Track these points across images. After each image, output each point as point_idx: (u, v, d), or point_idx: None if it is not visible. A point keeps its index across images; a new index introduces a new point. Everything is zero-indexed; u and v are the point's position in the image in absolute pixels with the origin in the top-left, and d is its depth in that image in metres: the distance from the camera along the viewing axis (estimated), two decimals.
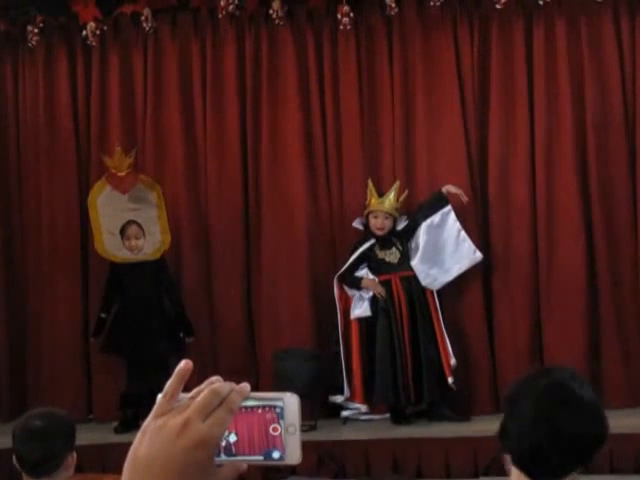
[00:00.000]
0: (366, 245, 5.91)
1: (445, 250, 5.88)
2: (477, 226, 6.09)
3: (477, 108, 6.16)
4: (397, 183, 5.97)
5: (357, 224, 6.00)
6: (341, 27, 6.12)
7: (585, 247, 5.97)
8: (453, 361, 5.77)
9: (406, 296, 5.84)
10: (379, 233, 5.89)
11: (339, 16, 6.09)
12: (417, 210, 5.98)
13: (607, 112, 5.97)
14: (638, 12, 5.98)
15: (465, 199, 5.84)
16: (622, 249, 5.97)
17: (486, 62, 6.15)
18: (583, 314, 5.92)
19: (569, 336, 5.86)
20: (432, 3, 5.99)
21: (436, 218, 5.88)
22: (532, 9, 6.06)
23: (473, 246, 5.86)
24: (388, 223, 5.90)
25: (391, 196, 5.91)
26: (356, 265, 5.92)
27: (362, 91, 6.28)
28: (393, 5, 6.06)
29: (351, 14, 6.08)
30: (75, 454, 2.82)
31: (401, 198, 5.94)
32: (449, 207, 5.87)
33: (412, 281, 5.87)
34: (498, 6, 5.96)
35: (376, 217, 5.91)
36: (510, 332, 6.01)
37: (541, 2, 5.91)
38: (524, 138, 6.06)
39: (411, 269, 5.88)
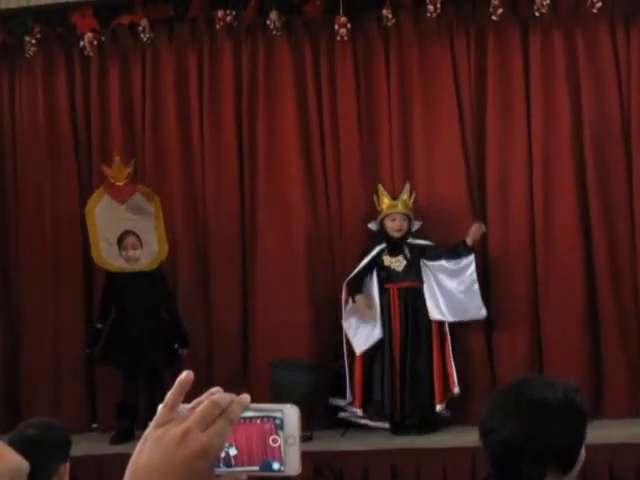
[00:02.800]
0: (375, 251, 5.90)
1: (455, 297, 5.83)
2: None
3: (474, 118, 6.17)
4: (408, 184, 5.95)
5: (372, 226, 5.99)
6: (338, 38, 6.13)
7: (584, 258, 5.96)
8: (456, 390, 5.71)
9: (400, 308, 5.83)
10: (397, 235, 5.87)
11: (336, 27, 6.10)
12: (443, 247, 5.89)
13: (604, 121, 5.98)
14: (633, 22, 6.00)
15: (483, 229, 5.83)
16: (622, 260, 5.95)
17: (483, 73, 6.16)
18: (583, 326, 5.91)
19: (569, 347, 5.85)
20: (429, 14, 6.01)
21: (456, 263, 5.80)
22: (528, 20, 6.08)
23: (481, 302, 5.80)
24: (405, 224, 5.88)
25: (404, 197, 5.91)
26: (365, 271, 5.89)
27: (360, 101, 6.29)
28: (390, 16, 6.08)
29: (348, 25, 6.10)
30: (68, 465, 2.82)
31: (412, 199, 5.92)
32: (472, 257, 5.79)
33: (409, 292, 5.85)
34: (494, 17, 5.98)
35: (393, 220, 5.89)
36: (509, 343, 6.01)
37: (537, 13, 5.92)
38: (522, 148, 6.08)
39: (412, 280, 5.86)
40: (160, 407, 0.94)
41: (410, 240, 5.92)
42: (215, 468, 0.94)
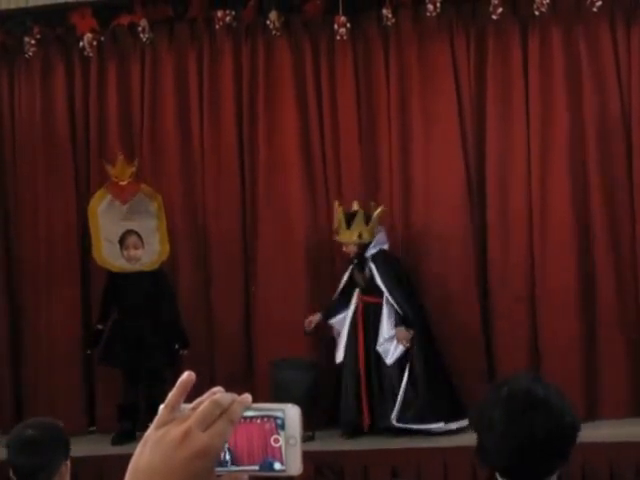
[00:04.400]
0: (350, 268, 5.89)
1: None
2: (475, 235, 6.09)
3: (474, 117, 6.17)
4: (337, 205, 5.82)
5: None
6: (338, 37, 6.13)
7: (582, 257, 5.94)
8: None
9: (364, 323, 5.80)
10: (351, 256, 5.86)
11: (336, 27, 6.10)
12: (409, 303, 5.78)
13: (605, 120, 5.97)
14: (634, 21, 5.99)
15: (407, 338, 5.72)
16: (622, 259, 5.94)
17: (483, 71, 6.16)
18: (581, 324, 5.90)
19: (567, 345, 5.85)
20: (428, 14, 6.00)
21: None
22: (528, 19, 6.07)
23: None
24: (349, 249, 5.82)
25: (342, 224, 5.76)
26: (343, 289, 5.89)
27: (359, 101, 6.29)
28: (390, 16, 6.07)
29: (348, 25, 6.10)
30: (69, 463, 2.82)
31: (356, 223, 5.74)
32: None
33: (370, 308, 5.81)
34: (494, 16, 5.98)
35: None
36: (508, 341, 6.01)
37: (537, 12, 5.92)
38: (521, 147, 6.07)
39: (373, 296, 5.79)
40: (161, 407, 0.94)
41: (371, 260, 5.80)
42: (216, 468, 0.94)
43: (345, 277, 5.91)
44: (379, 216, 5.82)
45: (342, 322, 5.88)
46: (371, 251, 5.81)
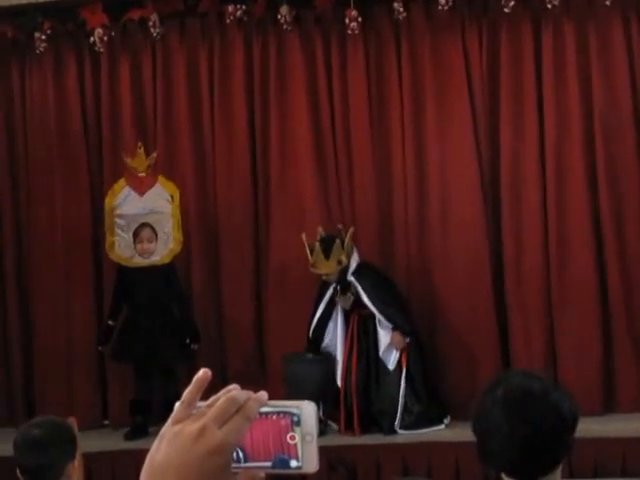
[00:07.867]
0: (328, 293, 5.85)
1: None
2: (489, 235, 6.07)
3: (487, 111, 6.14)
4: (304, 238, 5.77)
5: None
6: (349, 32, 6.12)
7: (596, 254, 5.92)
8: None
9: (364, 331, 5.79)
10: (330, 281, 5.82)
11: (347, 21, 6.08)
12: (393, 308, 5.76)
13: (617, 116, 5.94)
14: None
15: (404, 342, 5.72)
16: (632, 255, 5.91)
17: (495, 65, 6.13)
18: (596, 321, 5.88)
19: (582, 343, 5.83)
20: (440, 7, 5.97)
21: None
22: (540, 12, 6.04)
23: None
24: (331, 277, 5.79)
25: (320, 256, 5.71)
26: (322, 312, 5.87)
27: (371, 95, 6.28)
28: (401, 9, 6.05)
29: (359, 19, 6.08)
30: (77, 462, 2.81)
31: (334, 250, 5.70)
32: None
33: (368, 318, 5.80)
34: (506, 10, 5.95)
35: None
36: (524, 338, 5.99)
37: (549, 5, 5.89)
38: (534, 141, 6.04)
39: (365, 308, 5.77)
40: (177, 404, 0.94)
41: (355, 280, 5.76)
42: (232, 464, 0.94)
43: (324, 303, 5.86)
44: (351, 237, 5.78)
45: (334, 341, 5.86)
46: (352, 271, 5.77)
